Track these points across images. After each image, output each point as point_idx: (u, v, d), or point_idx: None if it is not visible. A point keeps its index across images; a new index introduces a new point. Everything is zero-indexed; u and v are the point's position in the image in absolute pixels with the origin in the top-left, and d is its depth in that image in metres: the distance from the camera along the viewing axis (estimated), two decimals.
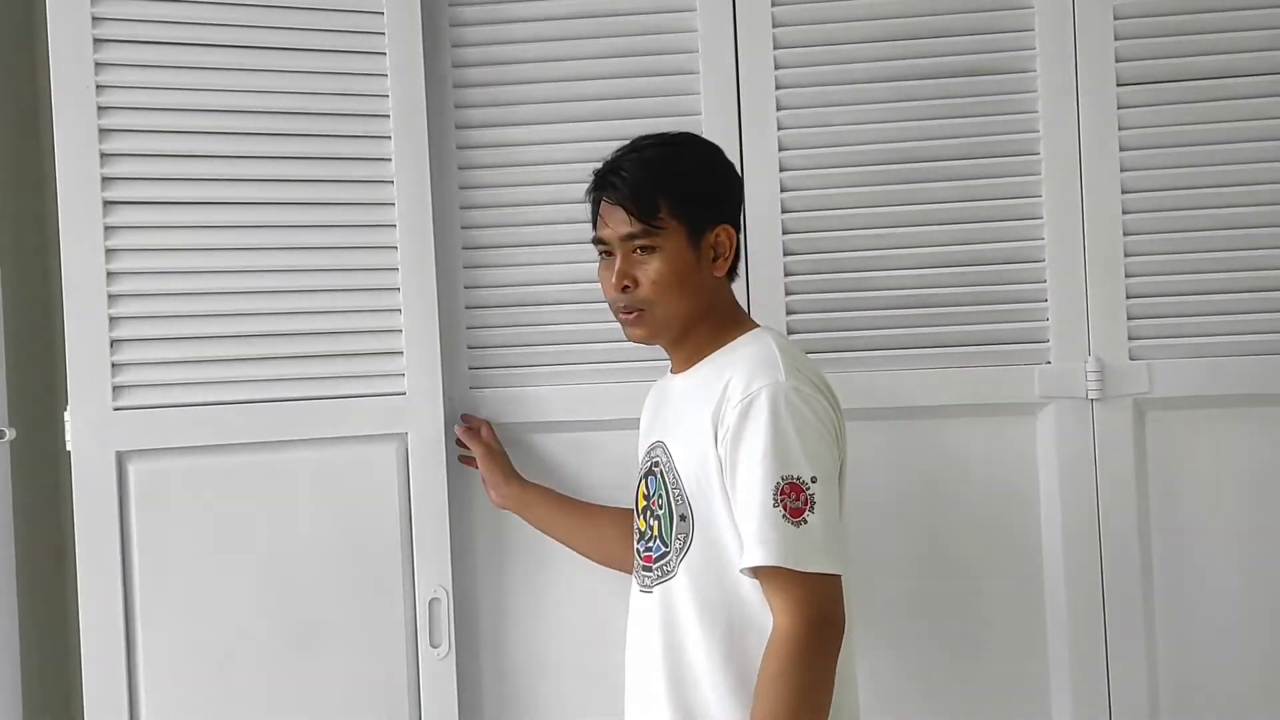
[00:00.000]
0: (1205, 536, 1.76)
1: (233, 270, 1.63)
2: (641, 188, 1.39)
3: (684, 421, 1.39)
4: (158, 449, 1.60)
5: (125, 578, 1.58)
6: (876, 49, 1.79)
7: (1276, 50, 1.75)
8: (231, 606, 1.61)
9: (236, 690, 1.60)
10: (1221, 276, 1.76)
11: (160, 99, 1.60)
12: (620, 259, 1.41)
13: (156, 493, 1.59)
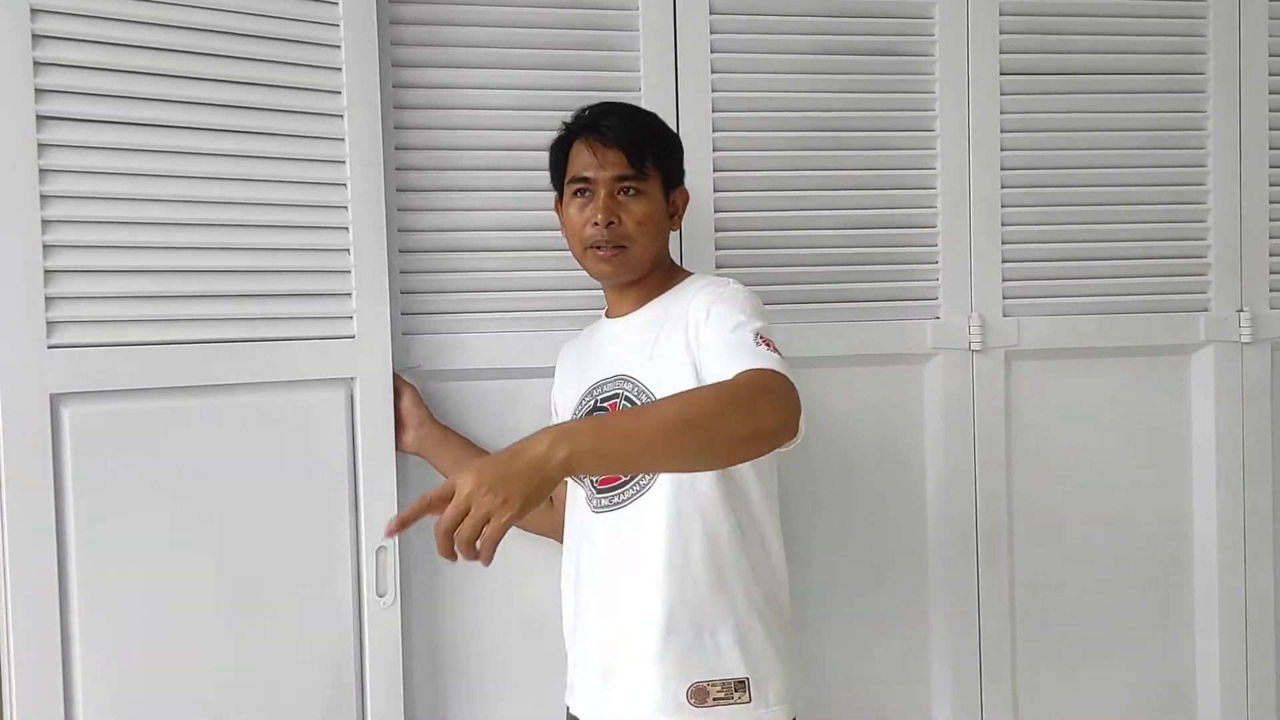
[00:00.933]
0: (1058, 466, 2.03)
1: (176, 199, 1.51)
2: (639, 135, 1.51)
3: (651, 351, 1.49)
4: (94, 391, 1.47)
5: (59, 532, 1.46)
6: (805, 23, 1.92)
7: (1135, 53, 2.03)
8: (172, 559, 1.51)
9: (177, 645, 1.51)
10: (1080, 245, 2.03)
11: (102, 6, 1.47)
12: (605, 197, 1.50)
13: (92, 440, 1.47)
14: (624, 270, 1.53)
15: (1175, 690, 2.11)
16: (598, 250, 1.52)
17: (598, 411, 1.53)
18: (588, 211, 1.52)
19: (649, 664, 1.44)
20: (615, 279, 1.55)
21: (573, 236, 1.56)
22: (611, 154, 1.51)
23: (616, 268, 1.53)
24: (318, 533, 1.60)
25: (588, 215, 1.52)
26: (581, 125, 1.54)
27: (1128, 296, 2.05)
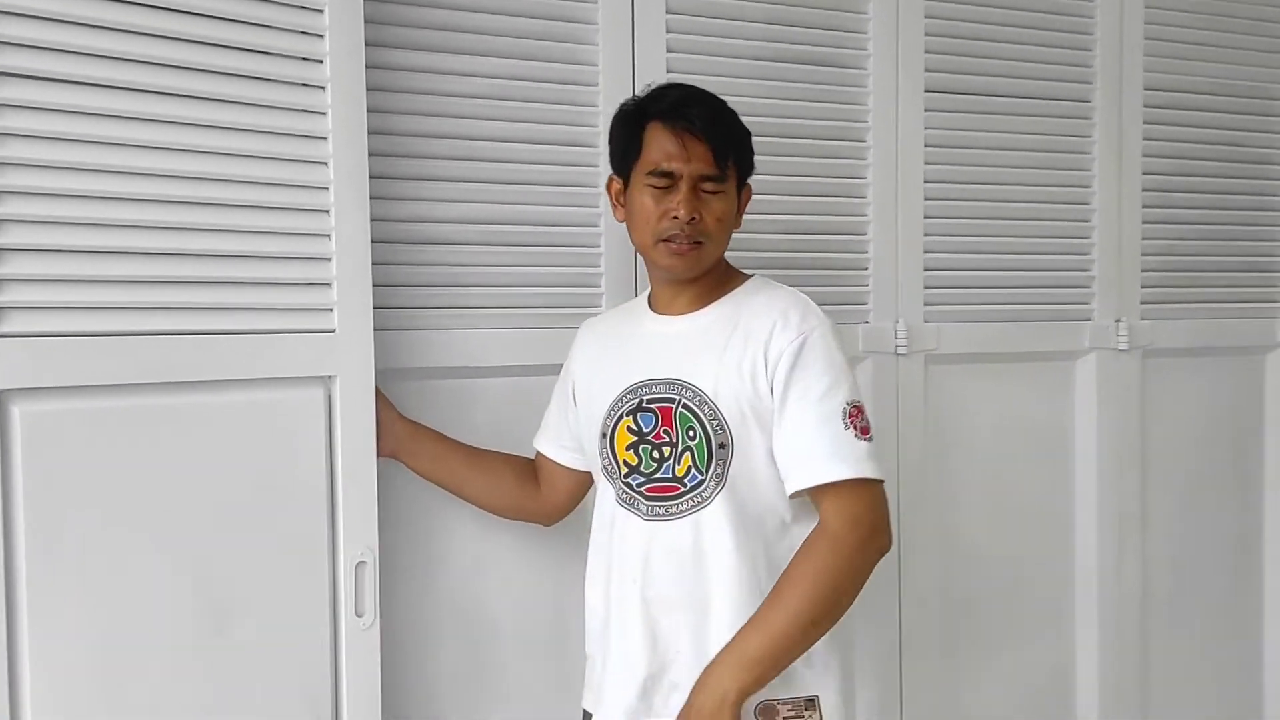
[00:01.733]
0: (965, 466, 2.15)
1: (140, 171, 1.35)
2: (725, 131, 1.48)
3: (719, 361, 1.46)
4: (47, 388, 1.31)
5: (6, 545, 1.28)
6: (754, 29, 1.95)
7: (1048, 80, 2.18)
8: (133, 575, 1.36)
9: (137, 671, 1.36)
10: (987, 257, 2.17)
11: None
12: (688, 191, 1.46)
13: (44, 441, 1.30)
14: (695, 267, 1.50)
15: (1059, 679, 2.28)
16: (671, 244, 1.47)
17: (643, 412, 1.49)
18: (668, 203, 1.47)
19: None
20: (685, 274, 1.51)
21: (644, 225, 1.50)
22: (699, 148, 1.46)
23: (690, 264, 1.49)
24: (292, 546, 1.46)
25: (668, 206, 1.46)
26: (664, 109, 1.48)
27: (1026, 306, 2.20)
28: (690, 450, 1.45)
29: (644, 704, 1.47)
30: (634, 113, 1.52)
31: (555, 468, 1.68)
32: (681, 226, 1.46)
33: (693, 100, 1.50)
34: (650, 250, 1.51)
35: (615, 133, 1.55)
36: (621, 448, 1.50)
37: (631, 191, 1.52)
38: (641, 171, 1.49)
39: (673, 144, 1.47)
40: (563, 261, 1.85)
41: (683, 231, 1.46)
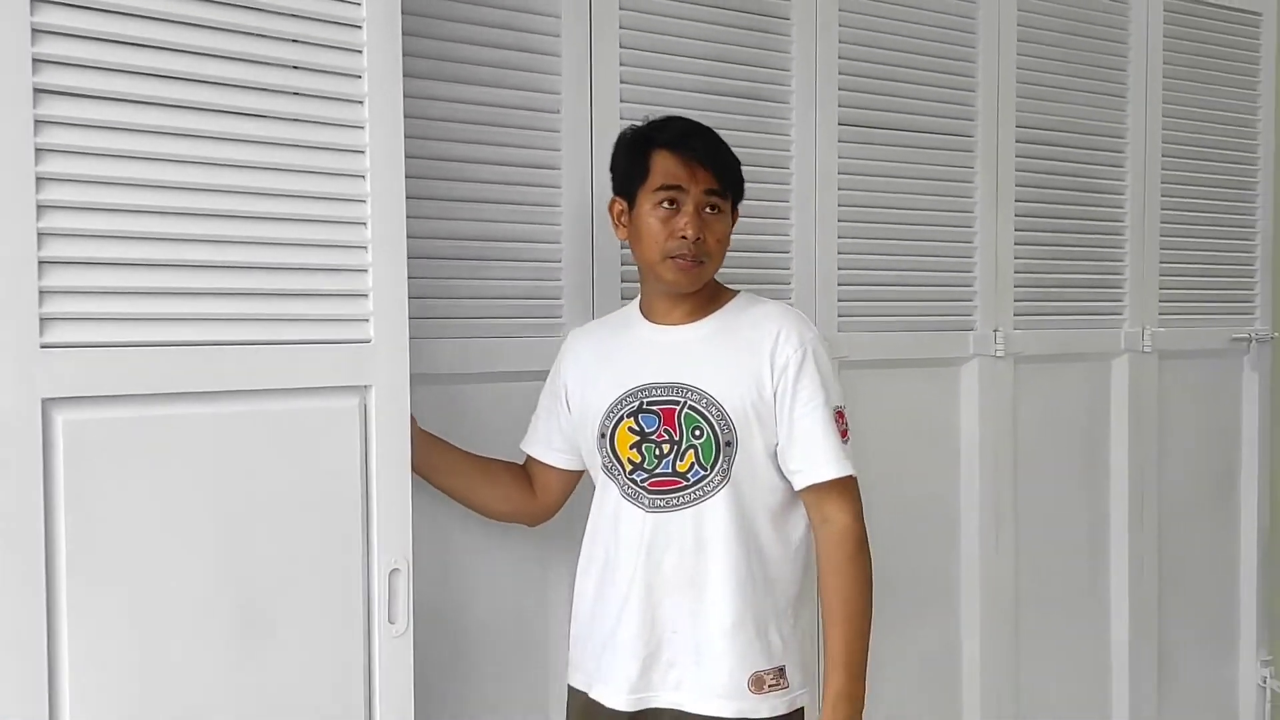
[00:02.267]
0: (876, 457, 2.36)
1: (181, 185, 1.39)
2: (724, 158, 1.65)
3: (727, 364, 1.64)
4: (90, 397, 1.34)
5: (48, 552, 1.31)
6: (698, 65, 2.13)
7: (939, 117, 2.45)
8: (170, 581, 1.39)
9: (176, 679, 1.40)
10: (888, 274, 2.41)
11: None
12: (693, 213, 1.62)
13: (87, 450, 1.34)
14: (697, 282, 1.66)
15: (947, 655, 2.55)
16: (678, 261, 1.63)
17: (644, 414, 1.64)
18: (676, 223, 1.62)
19: (718, 656, 1.60)
20: (688, 288, 1.67)
21: (652, 243, 1.64)
22: (703, 173, 1.63)
23: (693, 279, 1.65)
24: (327, 553, 1.50)
25: (676, 226, 1.62)
26: (670, 138, 1.64)
27: (922, 317, 2.46)
28: (695, 448, 1.61)
29: (644, 680, 1.62)
30: (640, 140, 1.68)
31: (547, 470, 1.80)
32: (688, 245, 1.62)
33: (695, 131, 1.67)
34: (657, 266, 1.66)
35: (620, 158, 1.70)
36: (624, 446, 1.65)
37: (638, 212, 1.67)
38: (649, 192, 1.65)
39: (680, 168, 1.63)
40: (525, 275, 1.98)
41: (689, 250, 1.62)
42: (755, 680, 1.61)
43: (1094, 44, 2.69)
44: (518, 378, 1.96)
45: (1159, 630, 2.88)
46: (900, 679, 2.44)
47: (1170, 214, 2.85)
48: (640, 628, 1.63)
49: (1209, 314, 2.96)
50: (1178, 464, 2.92)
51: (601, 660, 1.66)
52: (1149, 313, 2.83)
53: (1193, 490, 2.96)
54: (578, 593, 1.74)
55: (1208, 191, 2.93)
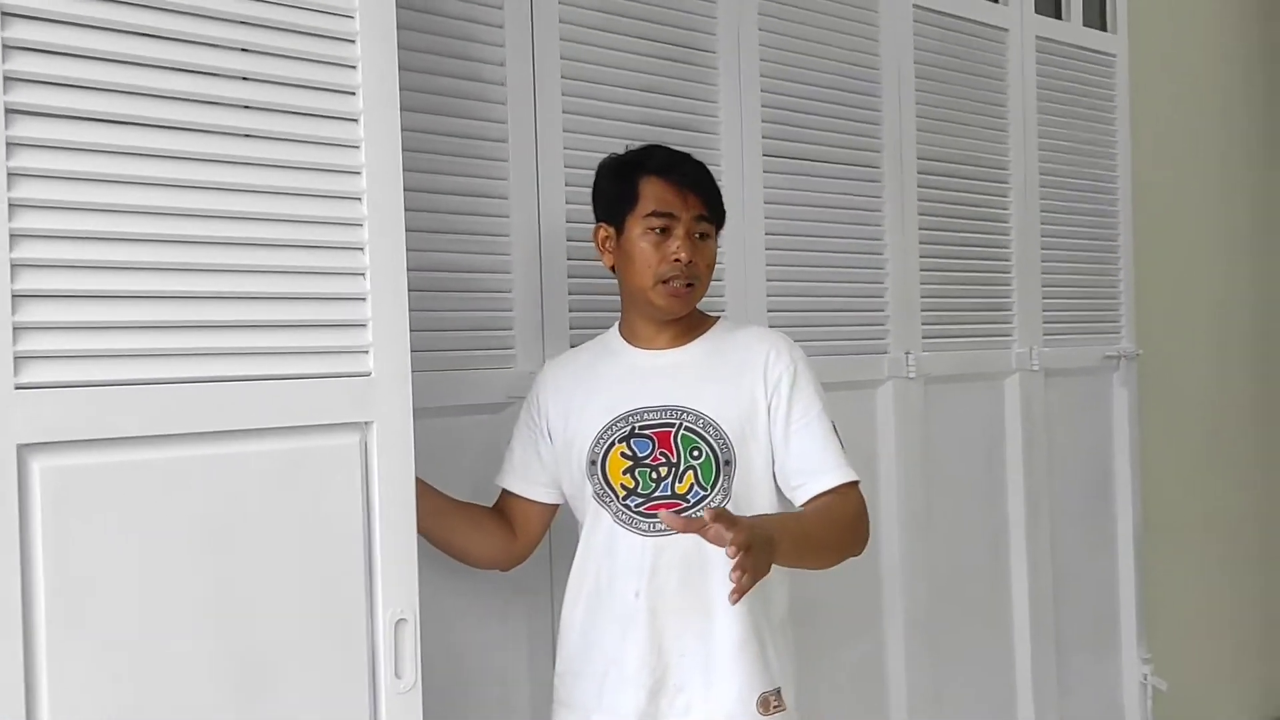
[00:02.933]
0: None
1: (167, 211, 1.29)
2: (711, 186, 1.67)
3: (722, 386, 1.64)
4: (70, 441, 1.22)
5: (25, 608, 1.18)
6: (636, 97, 2.15)
7: (852, 149, 2.54)
8: (161, 638, 1.27)
9: None
10: (820, 299, 2.48)
11: None
12: (685, 238, 1.62)
13: (67, 497, 1.22)
14: (688, 306, 1.66)
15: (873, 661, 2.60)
16: (671, 285, 1.62)
17: (635, 438, 1.61)
18: (669, 247, 1.62)
19: (728, 677, 1.58)
20: (679, 313, 1.66)
21: (645, 268, 1.63)
22: (693, 197, 1.63)
23: (684, 304, 1.65)
24: (327, 603, 1.40)
25: (669, 251, 1.61)
26: (659, 165, 1.64)
27: (843, 341, 2.54)
28: (694, 469, 1.60)
29: (652, 707, 1.60)
30: (626, 168, 1.68)
31: (529, 505, 1.75)
32: (682, 269, 1.62)
33: (682, 159, 1.69)
34: (648, 291, 1.65)
35: (605, 185, 1.70)
36: (616, 473, 1.62)
37: (628, 238, 1.66)
38: (639, 218, 1.64)
39: (672, 195, 1.64)
40: (476, 306, 1.93)
41: (681, 274, 1.62)
42: (762, 702, 1.60)
43: (979, 81, 2.86)
44: (469, 411, 1.91)
45: (1056, 630, 3.02)
46: (831, 691, 2.47)
47: (1048, 240, 3.04)
48: (646, 654, 1.60)
49: (1085, 334, 3.17)
50: (1065, 473, 3.09)
51: (603, 693, 1.62)
52: (1035, 334, 3.00)
53: (1078, 498, 3.14)
54: (565, 624, 1.69)
55: (1078, 219, 3.14)
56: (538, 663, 1.94)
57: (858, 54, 2.57)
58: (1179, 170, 3.79)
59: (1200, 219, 3.94)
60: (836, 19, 2.52)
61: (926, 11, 2.72)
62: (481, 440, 1.91)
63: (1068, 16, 3.12)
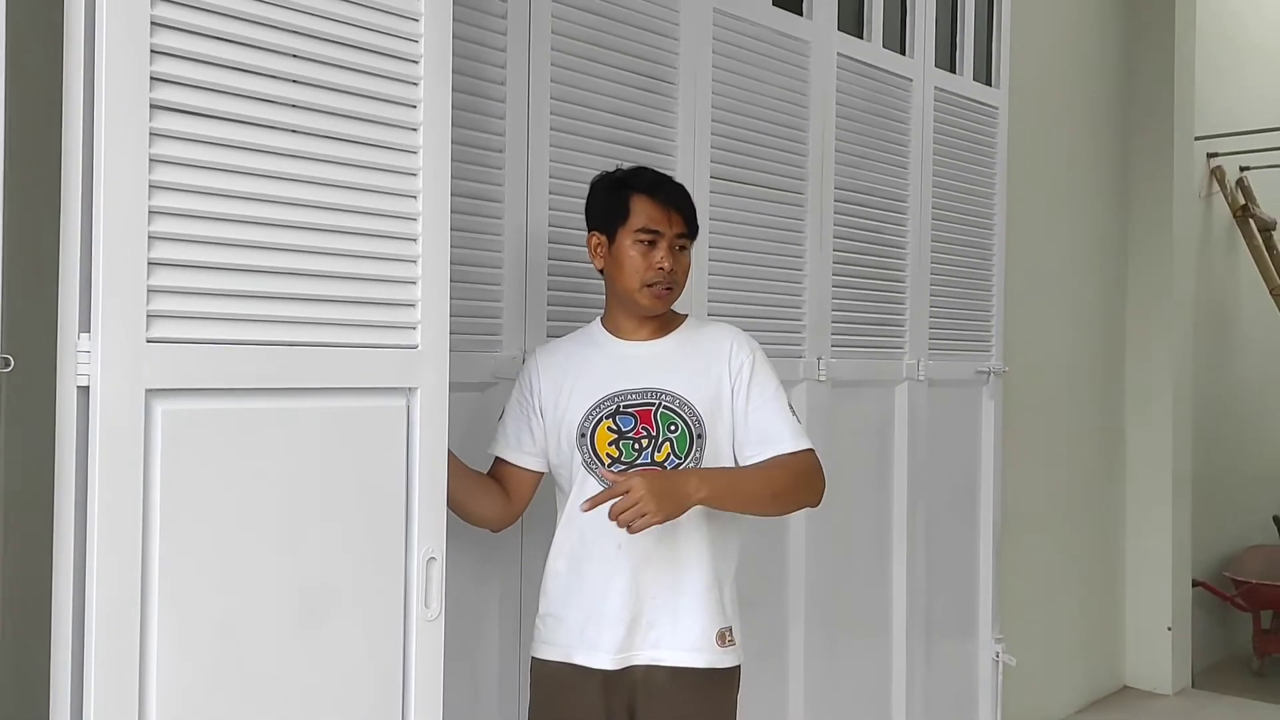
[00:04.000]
0: None
1: (268, 198, 1.52)
2: (689, 205, 1.97)
3: (694, 372, 1.94)
4: (184, 389, 1.45)
5: (144, 523, 1.41)
6: (601, 131, 2.44)
7: (781, 176, 2.88)
8: (242, 557, 1.51)
9: (243, 639, 1.51)
10: (751, 308, 2.81)
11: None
12: (667, 249, 1.91)
13: (180, 437, 1.44)
14: (668, 305, 1.96)
15: (775, 641, 2.95)
16: (655, 288, 1.92)
17: (622, 415, 1.90)
18: (654, 257, 1.91)
19: (693, 615, 1.89)
20: (660, 311, 1.96)
21: (633, 273, 1.92)
22: (675, 215, 1.93)
23: (665, 303, 1.95)
24: (374, 539, 1.63)
25: (654, 260, 1.91)
26: (647, 186, 1.93)
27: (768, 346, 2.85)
28: (670, 440, 1.90)
29: (628, 641, 1.89)
30: (619, 186, 1.97)
31: (522, 473, 2.02)
32: (664, 276, 1.93)
33: (667, 181, 1.99)
34: (635, 293, 1.95)
35: (599, 199, 1.98)
36: (603, 444, 1.91)
37: (618, 246, 1.95)
38: (630, 231, 1.94)
39: (659, 213, 1.94)
40: (469, 295, 2.19)
41: (664, 280, 1.92)
42: (719, 636, 1.91)
43: (888, 124, 3.25)
44: (459, 389, 2.14)
45: (926, 611, 3.44)
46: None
47: (936, 266, 3.46)
48: (626, 597, 1.89)
49: (962, 350, 3.60)
50: (939, 471, 3.51)
51: (585, 631, 1.90)
52: (921, 347, 3.41)
53: (949, 494, 3.57)
54: (548, 574, 1.97)
55: (961, 249, 3.57)
56: (507, 608, 2.22)
57: (792, 94, 2.92)
58: (1041, 211, 4.31)
59: (1063, 254, 4.47)
60: (776, 63, 2.87)
61: (849, 60, 3.10)
62: (469, 414, 2.16)
63: (961, 71, 3.56)
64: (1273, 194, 5.80)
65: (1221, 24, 5.49)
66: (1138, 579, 4.82)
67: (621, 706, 1.91)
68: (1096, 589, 4.71)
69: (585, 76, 2.40)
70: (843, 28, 3.10)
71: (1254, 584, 5.11)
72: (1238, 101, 5.63)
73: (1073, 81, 4.57)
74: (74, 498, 1.37)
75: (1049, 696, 4.38)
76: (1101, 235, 4.77)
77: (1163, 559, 4.77)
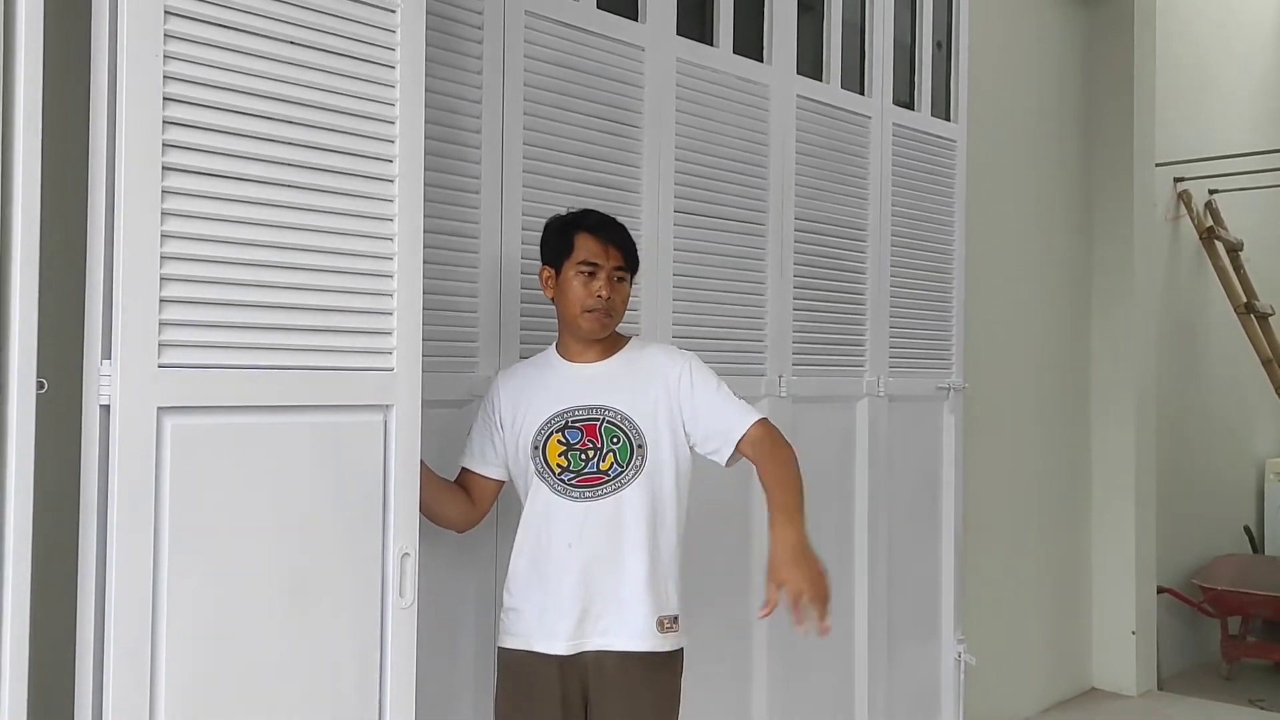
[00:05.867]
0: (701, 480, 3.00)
1: (261, 244, 1.79)
2: (628, 242, 2.23)
3: (635, 390, 2.19)
4: (190, 407, 1.71)
5: (156, 521, 1.66)
6: (579, 160, 2.69)
7: (744, 209, 3.13)
8: (244, 555, 1.76)
9: (242, 623, 1.76)
10: (722, 330, 3.05)
11: (216, 76, 1.73)
12: (606, 280, 2.17)
13: (187, 448, 1.70)
14: (606, 330, 2.21)
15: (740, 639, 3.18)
16: (594, 313, 2.17)
17: (570, 429, 2.17)
18: (593, 286, 2.17)
19: (636, 605, 2.13)
20: (599, 335, 2.21)
21: (574, 300, 2.18)
22: (613, 250, 2.18)
23: (604, 326, 2.20)
24: (354, 538, 1.89)
25: (593, 289, 2.17)
26: (590, 225, 2.19)
27: (728, 364, 3.09)
28: (614, 451, 2.15)
29: (579, 630, 2.14)
30: (565, 226, 2.24)
31: (485, 481, 2.28)
32: (602, 302, 2.18)
33: (609, 221, 2.26)
34: (577, 318, 2.21)
35: (550, 237, 2.25)
36: (554, 455, 2.17)
37: (564, 278, 2.22)
38: (573, 264, 2.20)
39: (598, 246, 2.20)
40: (447, 321, 2.44)
41: (601, 305, 2.18)
42: (659, 623, 2.16)
43: (847, 159, 3.50)
44: (436, 406, 2.40)
45: (888, 615, 3.67)
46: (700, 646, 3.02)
47: (896, 290, 3.70)
48: (576, 590, 2.14)
49: (922, 368, 3.84)
50: (901, 483, 3.74)
51: (542, 620, 2.15)
52: (882, 365, 3.65)
53: (911, 504, 3.80)
54: (511, 572, 2.22)
55: (920, 273, 3.81)
56: (483, 604, 2.47)
57: (752, 134, 3.17)
58: (1004, 235, 4.55)
59: (1020, 276, 4.71)
60: (737, 105, 3.13)
61: (807, 100, 3.35)
62: (447, 429, 2.41)
63: (919, 108, 3.81)
64: (1242, 216, 6.02)
65: (1188, 56, 5.74)
66: (1103, 585, 5.04)
67: (576, 688, 2.15)
68: (1063, 595, 4.93)
69: (555, 123, 2.66)
70: (802, 71, 3.35)
71: (1219, 590, 5.32)
72: (1205, 129, 5.87)
73: (1033, 112, 4.82)
74: (96, 496, 1.63)
75: (1015, 697, 4.60)
76: (1065, 257, 5.00)
77: (1127, 566, 4.98)
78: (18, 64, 1.53)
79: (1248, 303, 5.78)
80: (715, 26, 3.11)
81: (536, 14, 2.62)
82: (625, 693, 2.14)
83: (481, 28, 2.50)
